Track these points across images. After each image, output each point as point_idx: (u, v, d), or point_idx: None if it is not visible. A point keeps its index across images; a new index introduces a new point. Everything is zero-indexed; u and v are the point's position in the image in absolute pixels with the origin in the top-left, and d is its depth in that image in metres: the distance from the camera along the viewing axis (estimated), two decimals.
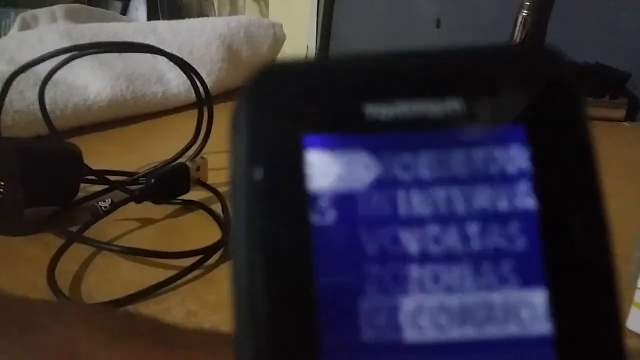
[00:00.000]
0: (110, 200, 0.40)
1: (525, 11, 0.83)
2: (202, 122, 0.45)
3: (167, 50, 0.66)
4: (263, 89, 0.10)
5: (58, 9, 0.72)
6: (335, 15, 1.00)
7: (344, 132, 0.10)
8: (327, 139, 0.10)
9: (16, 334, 0.12)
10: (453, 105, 0.10)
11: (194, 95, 0.48)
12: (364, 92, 0.10)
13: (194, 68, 0.44)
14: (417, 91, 0.10)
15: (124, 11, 0.94)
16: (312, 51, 1.00)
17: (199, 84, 0.45)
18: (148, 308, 0.31)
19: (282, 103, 0.10)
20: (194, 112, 0.47)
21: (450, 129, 0.10)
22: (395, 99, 0.10)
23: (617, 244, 0.31)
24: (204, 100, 0.46)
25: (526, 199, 0.09)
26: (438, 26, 0.91)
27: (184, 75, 0.47)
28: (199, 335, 0.13)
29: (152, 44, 0.66)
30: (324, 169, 0.10)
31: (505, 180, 0.09)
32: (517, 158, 0.09)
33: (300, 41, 0.99)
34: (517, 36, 0.83)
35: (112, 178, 0.42)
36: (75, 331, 0.12)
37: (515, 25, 0.84)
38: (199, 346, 0.12)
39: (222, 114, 0.47)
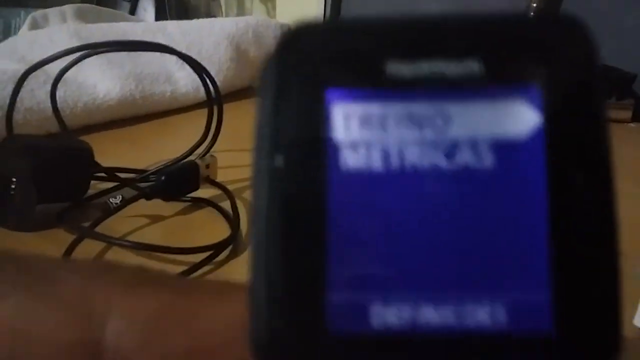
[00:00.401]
0: (121, 196, 0.40)
1: (532, 10, 0.83)
2: (211, 120, 0.45)
3: (176, 50, 0.67)
4: (288, 48, 0.11)
5: (68, 8, 0.73)
6: (342, 14, 1.00)
7: (365, 87, 0.10)
8: (348, 93, 0.10)
9: (28, 282, 0.12)
10: (472, 65, 0.10)
11: (202, 94, 0.49)
12: (386, 50, 0.10)
13: (204, 67, 0.44)
14: (438, 51, 0.10)
15: (132, 11, 0.94)
16: None
17: (209, 82, 0.45)
18: None
19: (306, 60, 0.10)
20: (203, 112, 0.48)
21: (468, 88, 0.10)
22: (416, 58, 0.10)
23: (625, 242, 0.32)
24: (214, 99, 0.46)
25: (536, 158, 0.10)
26: None
27: (193, 74, 0.47)
28: (213, 284, 0.13)
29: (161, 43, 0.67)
30: (344, 121, 0.10)
31: (518, 140, 0.10)
32: (530, 119, 0.10)
33: None
34: None
35: (122, 175, 0.43)
36: (90, 282, 0.12)
37: None
38: (215, 292, 0.12)
39: (231, 113, 0.48)
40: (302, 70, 0.10)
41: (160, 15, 0.94)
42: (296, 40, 0.11)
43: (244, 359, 0.10)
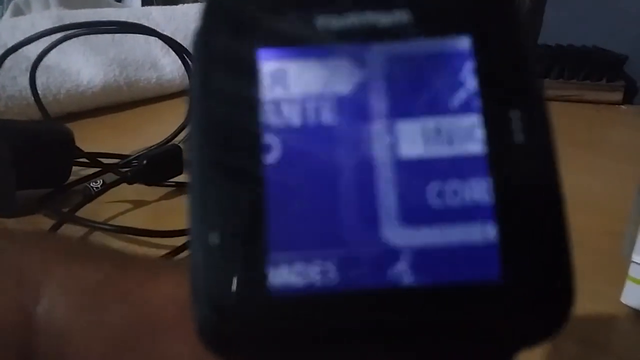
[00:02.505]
0: (102, 181, 0.39)
1: None
2: None
3: (158, 31, 0.66)
4: (217, 8, 0.10)
5: None
6: None
7: (295, 44, 0.10)
8: (279, 51, 0.10)
9: None
10: (400, 16, 0.10)
11: (189, 81, 0.48)
12: (314, 4, 0.10)
13: (186, 49, 0.44)
14: (366, 3, 0.10)
15: None
16: None
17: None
18: None
19: (235, 19, 0.10)
20: None
21: (398, 39, 0.10)
22: (345, 10, 0.10)
23: (614, 221, 0.31)
24: None
25: (471, 100, 0.10)
26: None
27: (179, 61, 0.47)
28: (155, 260, 0.12)
29: None
30: (277, 79, 0.10)
31: (451, 85, 0.10)
32: (462, 65, 0.10)
33: None
34: None
35: (104, 161, 0.42)
36: (28, 251, 0.12)
37: None
38: (156, 267, 0.12)
39: None
40: (231, 33, 0.10)
41: (146, 1, 0.93)
42: (222, 3, 0.11)
43: (187, 332, 0.10)
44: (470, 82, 0.10)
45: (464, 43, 0.10)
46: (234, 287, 0.09)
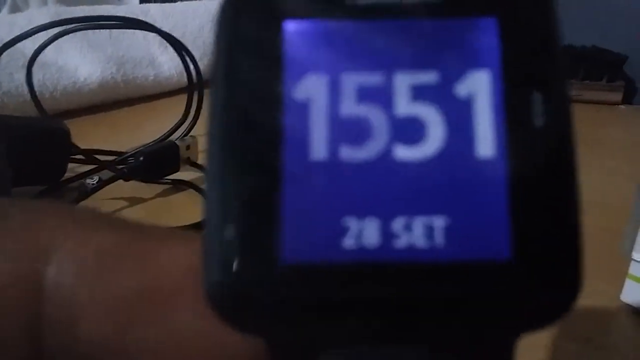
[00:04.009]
0: (98, 177, 0.39)
1: None
2: (192, 100, 0.45)
3: (156, 27, 0.65)
4: None
5: None
6: None
7: (322, 17, 0.10)
8: (305, 24, 0.10)
9: None
10: None
11: (186, 78, 0.48)
12: None
13: (184, 45, 0.43)
14: None
15: None
16: None
17: (189, 62, 0.44)
18: None
19: None
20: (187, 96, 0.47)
21: (427, 17, 0.10)
22: None
23: (613, 220, 0.31)
24: (194, 80, 0.45)
25: (494, 86, 0.10)
26: None
27: (177, 58, 0.46)
28: (167, 229, 0.12)
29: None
30: (302, 52, 0.10)
31: (473, 63, 0.10)
32: (486, 45, 0.10)
33: None
34: None
35: (100, 157, 0.42)
36: (40, 217, 0.11)
37: None
38: (168, 236, 0.12)
39: None
40: (258, 2, 0.10)
41: None
42: None
43: (198, 301, 0.10)
44: (493, 63, 0.10)
45: (490, 25, 0.10)
46: (245, 250, 0.09)
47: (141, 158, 0.39)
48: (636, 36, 0.76)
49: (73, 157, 0.40)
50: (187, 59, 0.44)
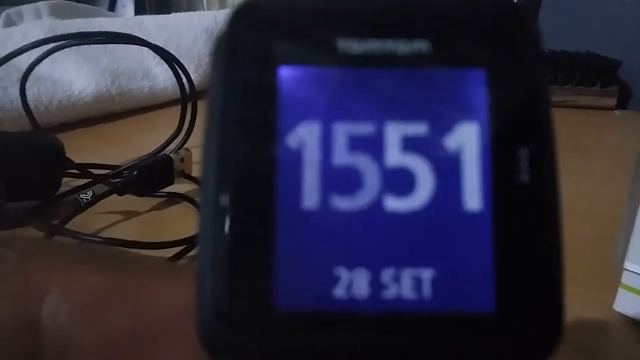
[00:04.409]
0: (92, 192, 0.39)
1: (516, 0, 0.82)
2: (186, 112, 0.45)
3: (147, 41, 0.66)
4: (240, 22, 0.10)
5: (43, 5, 0.72)
6: None
7: (316, 65, 0.10)
8: (299, 71, 0.10)
9: None
10: (420, 45, 0.10)
11: (180, 90, 0.48)
12: (337, 27, 0.10)
13: (176, 58, 0.43)
14: (388, 30, 0.10)
15: (112, 7, 0.93)
16: None
17: (182, 75, 0.44)
18: None
19: (258, 35, 0.10)
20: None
21: (417, 67, 0.10)
22: (367, 36, 0.10)
23: (608, 227, 0.31)
24: (187, 92, 0.45)
25: (479, 134, 0.10)
26: None
27: (171, 70, 0.46)
28: (159, 264, 0.13)
29: None
30: (296, 99, 0.10)
31: (462, 115, 0.10)
32: (475, 97, 0.10)
33: None
34: None
35: (95, 172, 0.42)
36: (31, 258, 0.12)
37: None
38: (161, 272, 0.12)
39: None
40: (254, 46, 0.10)
41: (139, 10, 0.93)
42: (247, 16, 0.10)
43: (190, 339, 0.10)
44: (482, 116, 0.10)
45: (478, 76, 0.10)
46: (238, 296, 0.10)
47: (135, 172, 0.39)
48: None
49: (67, 171, 0.40)
50: (180, 71, 0.44)
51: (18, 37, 0.61)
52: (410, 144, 0.10)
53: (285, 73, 0.10)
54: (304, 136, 0.10)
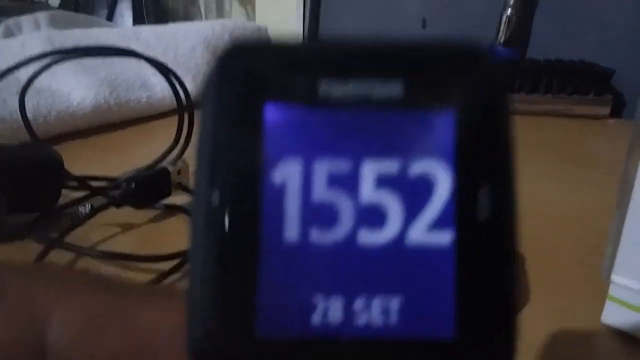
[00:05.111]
0: (90, 205, 0.40)
1: (509, 10, 0.83)
2: (182, 124, 0.45)
3: (151, 55, 0.66)
4: (230, 60, 0.11)
5: (41, 15, 0.72)
6: (321, 16, 1.00)
7: (300, 103, 0.11)
8: (284, 108, 0.11)
9: None
10: (394, 87, 0.11)
11: (176, 102, 0.48)
12: (320, 69, 0.11)
13: (172, 70, 0.44)
14: (364, 72, 0.11)
15: (110, 17, 0.94)
16: None
17: (178, 86, 0.45)
18: None
19: (247, 73, 0.11)
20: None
21: (390, 108, 0.11)
22: (346, 77, 0.11)
23: (599, 237, 0.31)
24: (183, 103, 0.46)
25: (445, 171, 0.11)
26: (424, 27, 0.92)
27: (167, 82, 0.47)
28: (152, 288, 0.14)
29: (135, 49, 0.67)
30: (280, 135, 0.11)
31: (431, 154, 0.11)
32: (442, 137, 0.11)
33: None
34: (502, 35, 0.84)
35: (93, 184, 0.42)
36: (34, 284, 0.13)
37: (500, 25, 0.85)
38: (153, 295, 0.13)
39: None
40: (243, 82, 0.11)
41: (137, 20, 0.93)
42: (236, 56, 0.11)
43: (179, 355, 0.11)
44: (448, 154, 0.11)
45: (446, 118, 0.11)
46: (224, 318, 0.10)
47: (133, 185, 0.40)
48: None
49: (66, 183, 0.41)
50: (176, 83, 0.45)
51: (17, 48, 0.61)
52: (382, 181, 0.11)
53: (271, 109, 0.11)
54: (287, 173, 0.11)
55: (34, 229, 0.38)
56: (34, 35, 0.65)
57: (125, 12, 0.93)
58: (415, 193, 0.11)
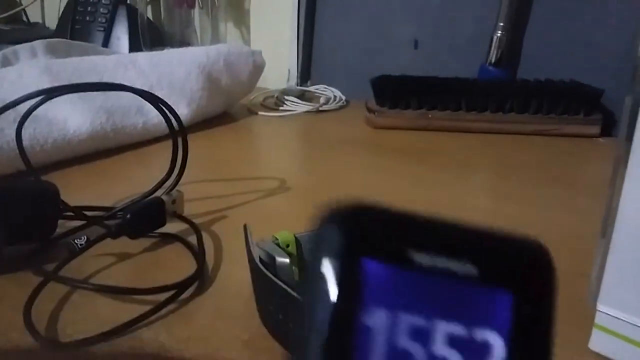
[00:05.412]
0: (85, 237, 0.40)
1: (499, 32, 0.84)
2: (177, 154, 0.46)
3: (147, 81, 0.67)
4: (334, 222, 0.13)
5: (38, 44, 0.73)
6: (315, 38, 1.01)
7: (394, 265, 0.13)
8: (380, 266, 0.13)
9: None
10: (470, 268, 0.13)
11: (174, 124, 0.49)
12: (414, 242, 0.13)
13: (163, 100, 0.45)
14: (450, 252, 0.13)
15: (106, 43, 0.95)
16: (293, 75, 1.01)
17: (171, 116, 0.45)
18: (122, 344, 0.32)
19: (351, 234, 0.13)
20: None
21: (465, 283, 0.13)
22: (433, 253, 0.13)
23: (582, 262, 0.32)
24: (177, 132, 0.46)
25: (500, 342, 0.13)
26: (416, 47, 0.93)
27: (160, 112, 0.48)
28: None
29: (131, 76, 0.68)
30: (377, 288, 0.13)
31: (492, 326, 0.13)
32: (502, 314, 0.13)
33: (282, 65, 1.01)
34: (493, 55, 0.85)
35: (89, 213, 0.43)
36: None
37: (491, 45, 0.86)
38: None
39: (202, 142, 0.50)
40: (349, 241, 0.13)
41: (134, 44, 0.94)
42: (342, 216, 0.13)
43: None
44: (504, 329, 0.13)
45: (507, 299, 0.13)
46: None
47: (128, 216, 0.40)
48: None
49: (63, 214, 0.42)
50: (168, 112, 0.46)
51: (14, 77, 0.62)
52: (451, 340, 0.13)
53: (370, 266, 0.13)
54: (378, 320, 0.13)
55: (31, 261, 0.38)
56: (30, 63, 0.66)
57: (121, 35, 0.94)
58: (475, 355, 0.13)
